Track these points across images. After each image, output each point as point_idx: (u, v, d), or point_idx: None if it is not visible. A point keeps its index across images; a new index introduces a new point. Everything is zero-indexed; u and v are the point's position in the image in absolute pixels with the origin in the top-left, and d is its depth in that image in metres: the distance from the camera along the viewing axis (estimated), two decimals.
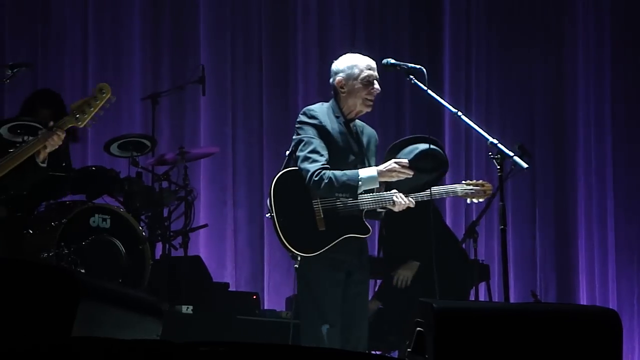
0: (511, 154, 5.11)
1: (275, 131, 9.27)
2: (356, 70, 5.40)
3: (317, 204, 5.24)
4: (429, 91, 5.31)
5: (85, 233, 6.81)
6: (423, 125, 9.45)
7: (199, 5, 9.26)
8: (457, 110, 5.27)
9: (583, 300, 9.28)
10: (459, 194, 5.48)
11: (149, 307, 3.94)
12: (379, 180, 5.25)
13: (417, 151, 5.45)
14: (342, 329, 5.30)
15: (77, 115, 5.17)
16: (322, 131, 5.31)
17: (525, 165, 5.08)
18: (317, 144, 5.26)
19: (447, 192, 5.48)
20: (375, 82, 5.39)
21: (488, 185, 5.52)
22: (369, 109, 5.43)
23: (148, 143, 7.85)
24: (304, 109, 5.46)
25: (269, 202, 5.27)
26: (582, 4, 9.65)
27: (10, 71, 6.64)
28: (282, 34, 9.43)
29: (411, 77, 5.35)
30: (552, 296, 9.37)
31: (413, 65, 5.40)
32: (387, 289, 7.03)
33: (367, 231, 5.31)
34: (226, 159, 9.15)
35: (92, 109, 5.19)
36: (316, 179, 5.17)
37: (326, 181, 5.17)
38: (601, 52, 9.60)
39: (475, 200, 5.52)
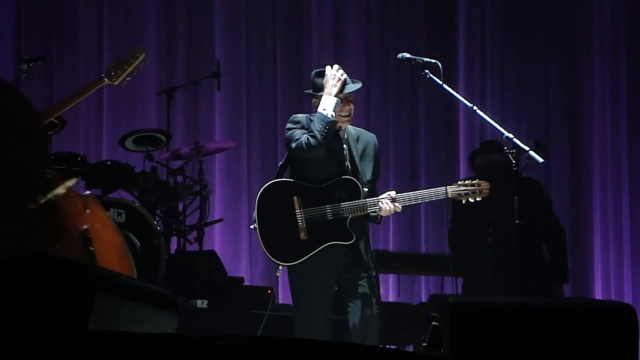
0: (527, 148, 5.09)
1: None
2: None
3: (300, 214, 5.34)
4: (444, 85, 5.30)
5: None
6: (438, 120, 9.45)
7: (213, 0, 9.26)
8: (472, 105, 5.25)
9: (598, 295, 9.25)
10: (449, 196, 5.43)
11: (164, 301, 3.95)
12: (333, 95, 5.33)
13: None
14: (350, 327, 5.37)
15: (112, 73, 5.28)
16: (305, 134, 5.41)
17: (540, 160, 5.07)
18: (299, 131, 5.38)
19: (436, 194, 5.43)
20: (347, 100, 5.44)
21: (484, 184, 5.43)
22: (347, 123, 5.48)
23: (163, 137, 7.87)
24: (290, 117, 5.55)
25: (254, 213, 5.42)
26: None
27: (26, 65, 6.69)
28: (296, 28, 9.43)
29: (426, 71, 5.35)
30: (567, 291, 9.34)
31: (428, 59, 5.39)
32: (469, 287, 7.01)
33: (349, 238, 5.33)
34: (241, 154, 9.16)
35: (126, 69, 5.35)
36: (306, 142, 5.29)
37: (308, 135, 5.28)
38: (617, 45, 9.56)
39: (471, 200, 5.44)
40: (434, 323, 3.83)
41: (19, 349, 2.74)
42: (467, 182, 5.46)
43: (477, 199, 5.44)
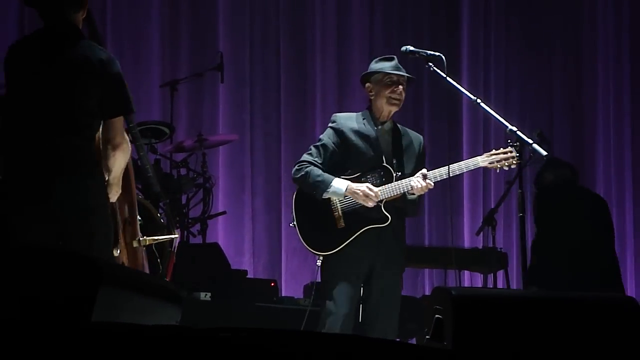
0: (530, 141, 5.09)
1: (293, 119, 9.29)
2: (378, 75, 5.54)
3: (335, 204, 5.46)
4: (448, 78, 5.31)
5: None
6: (442, 112, 9.44)
7: None
8: (476, 98, 5.26)
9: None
10: (480, 165, 5.46)
11: (168, 293, 3.95)
12: (345, 194, 5.42)
13: None
14: (367, 323, 5.45)
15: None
16: (338, 132, 5.55)
17: (544, 153, 5.06)
18: (325, 142, 5.56)
19: (467, 166, 5.48)
20: (398, 82, 5.51)
21: (514, 152, 5.39)
22: (396, 108, 5.54)
23: (166, 130, 7.87)
24: (333, 115, 5.72)
25: (292, 209, 5.59)
26: None
27: None
28: (300, 21, 9.43)
29: (430, 64, 5.38)
30: None
31: (432, 52, 5.40)
32: (540, 270, 7.00)
33: (385, 220, 5.41)
34: (244, 146, 9.17)
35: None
36: (297, 167, 5.54)
37: (302, 173, 5.51)
38: (620, 37, 9.55)
39: (506, 168, 5.44)
40: (437, 316, 3.84)
41: (23, 339, 2.75)
42: (498, 150, 5.46)
43: (512, 166, 5.43)
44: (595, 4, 9.60)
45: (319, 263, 5.49)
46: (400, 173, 5.48)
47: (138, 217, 5.36)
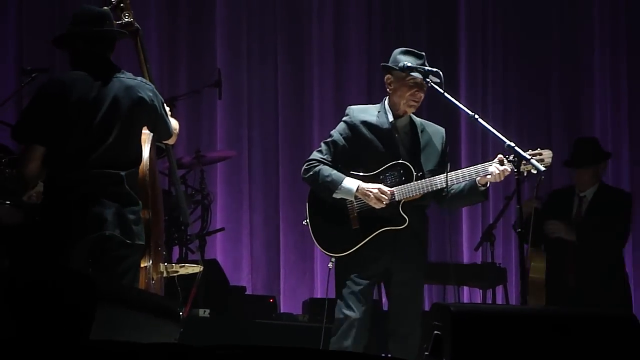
0: (528, 156, 5.08)
1: (291, 134, 9.28)
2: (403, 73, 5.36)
3: (351, 203, 5.29)
4: (446, 94, 5.29)
5: None
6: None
7: (214, 9, 9.27)
8: (473, 114, 5.24)
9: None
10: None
11: (166, 310, 3.95)
12: (356, 195, 5.26)
13: None
14: (389, 331, 5.33)
15: None
16: (350, 126, 5.38)
17: (542, 168, 5.06)
18: (336, 139, 5.38)
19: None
20: (420, 87, 5.34)
21: (547, 152, 5.26)
22: (412, 110, 5.43)
23: (163, 146, 7.86)
24: (348, 107, 5.54)
25: (306, 207, 5.41)
26: (598, 6, 9.62)
27: (28, 76, 6.71)
28: (297, 36, 9.44)
29: (427, 80, 5.33)
30: None
31: (429, 68, 5.38)
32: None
33: (402, 222, 5.25)
34: (242, 162, 9.16)
35: None
36: (306, 167, 5.35)
37: (311, 173, 5.32)
38: (617, 57, 9.57)
39: (534, 171, 5.09)
40: (436, 332, 3.83)
41: (21, 358, 2.74)
42: (536, 151, 5.23)
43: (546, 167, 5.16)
44: (593, 21, 9.61)
45: (330, 265, 5.33)
46: (420, 173, 5.31)
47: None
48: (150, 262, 5.08)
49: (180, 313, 4.20)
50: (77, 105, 4.76)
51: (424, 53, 5.43)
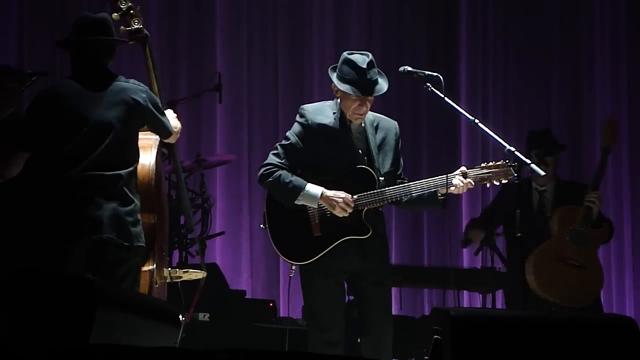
0: (528, 161, 5.08)
1: None
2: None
3: (312, 209, 5.19)
4: (446, 99, 5.29)
5: None
6: (440, 132, 9.44)
7: (215, 14, 9.28)
8: (474, 118, 5.24)
9: None
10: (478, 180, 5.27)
11: (166, 314, 3.95)
12: (319, 202, 5.16)
13: None
14: (361, 335, 5.27)
15: None
16: (307, 129, 5.27)
17: (542, 173, 5.06)
18: (293, 142, 5.27)
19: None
20: (363, 101, 5.20)
21: (506, 166, 5.25)
22: (359, 121, 5.30)
23: (165, 150, 7.85)
24: (300, 107, 5.43)
25: (264, 212, 5.29)
26: (599, 7, 9.63)
27: (28, 79, 6.71)
28: (298, 41, 9.44)
29: (428, 84, 5.32)
30: None
31: (430, 72, 5.37)
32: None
33: (366, 231, 5.18)
34: (242, 166, 9.16)
35: None
36: (264, 172, 5.23)
37: (270, 179, 5.20)
38: (618, 66, 9.58)
39: (496, 183, 5.25)
40: (436, 336, 3.83)
41: None
42: (492, 164, 5.28)
43: (503, 181, 5.25)
44: (593, 21, 9.62)
45: (291, 274, 5.26)
46: (383, 179, 5.24)
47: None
48: (155, 265, 5.07)
49: (182, 319, 4.20)
50: (70, 111, 4.78)
51: (369, 54, 5.34)
